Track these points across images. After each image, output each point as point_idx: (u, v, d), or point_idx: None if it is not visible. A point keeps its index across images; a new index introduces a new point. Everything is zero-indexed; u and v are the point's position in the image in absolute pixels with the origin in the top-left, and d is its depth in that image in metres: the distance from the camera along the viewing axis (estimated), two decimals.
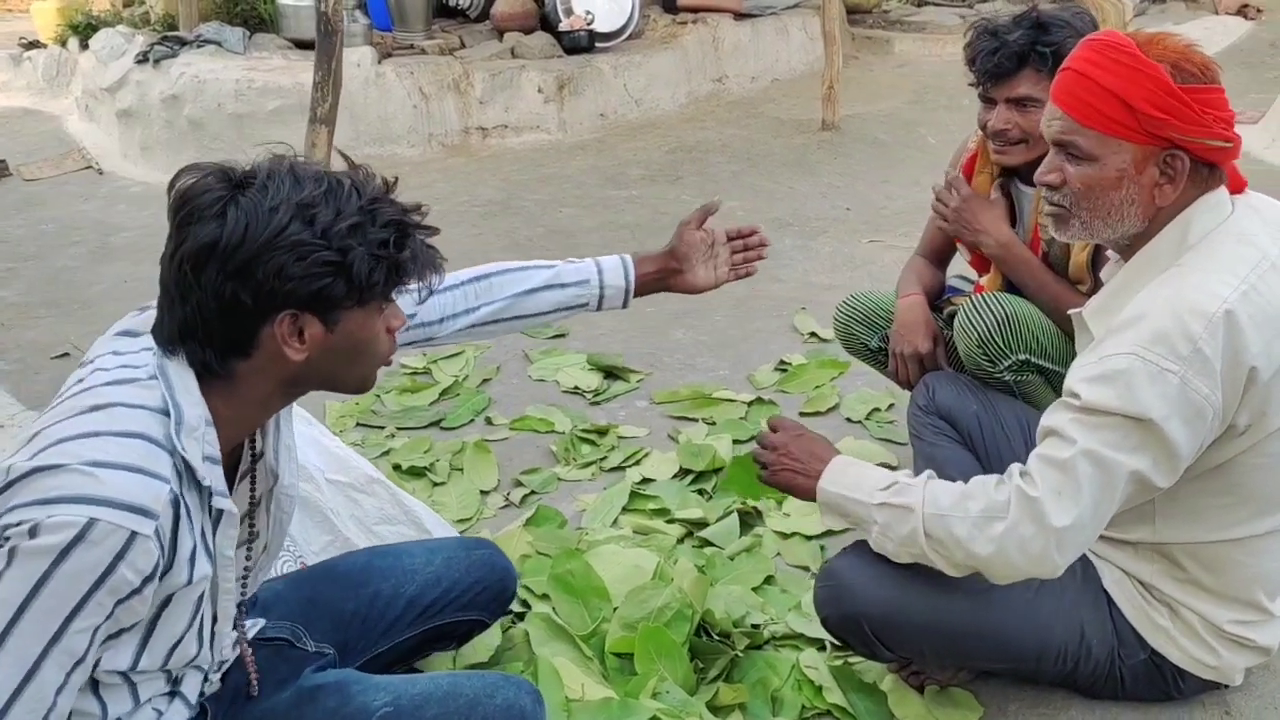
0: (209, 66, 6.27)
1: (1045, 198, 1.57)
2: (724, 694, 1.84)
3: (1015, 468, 1.49)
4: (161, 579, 1.17)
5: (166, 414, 1.19)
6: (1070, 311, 1.65)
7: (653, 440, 2.97)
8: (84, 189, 6.03)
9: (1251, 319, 1.39)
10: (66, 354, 3.79)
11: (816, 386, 3.23)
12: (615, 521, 2.52)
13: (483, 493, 2.73)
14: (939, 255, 2.55)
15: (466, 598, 1.77)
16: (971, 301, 2.21)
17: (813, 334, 3.64)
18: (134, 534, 1.11)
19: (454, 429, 3.11)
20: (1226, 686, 1.70)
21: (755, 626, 2.03)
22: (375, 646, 1.69)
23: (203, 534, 1.23)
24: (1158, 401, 1.37)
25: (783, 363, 3.42)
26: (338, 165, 1.31)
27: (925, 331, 2.34)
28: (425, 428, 3.12)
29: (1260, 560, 1.57)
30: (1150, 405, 1.37)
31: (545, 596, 2.06)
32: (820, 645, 1.95)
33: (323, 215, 1.21)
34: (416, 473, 2.82)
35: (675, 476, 2.72)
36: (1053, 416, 1.47)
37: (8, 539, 1.09)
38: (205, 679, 1.42)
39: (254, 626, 1.56)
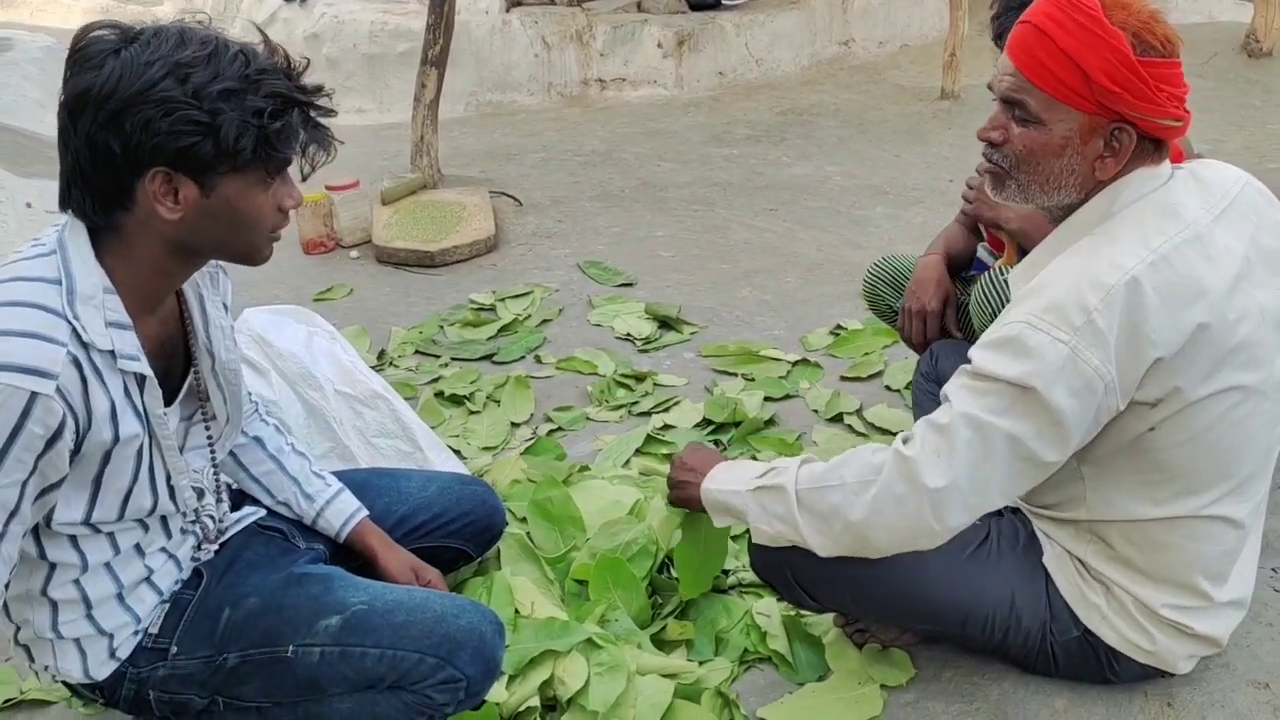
0: (349, 8, 6.56)
1: (985, 154, 1.51)
2: (671, 629, 1.89)
3: (901, 435, 1.48)
4: (84, 436, 1.29)
5: (61, 284, 1.26)
6: (1003, 295, 1.61)
7: (689, 391, 3.01)
8: None
9: (1157, 290, 1.34)
10: None
11: (865, 353, 3.21)
12: (627, 463, 2.59)
13: (513, 424, 2.84)
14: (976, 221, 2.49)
15: (454, 526, 1.88)
16: (989, 277, 2.16)
17: None
18: (34, 394, 1.20)
19: (504, 364, 3.23)
20: (1169, 675, 1.65)
21: (725, 572, 2.06)
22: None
23: (126, 394, 1.32)
24: (1043, 370, 1.33)
25: (839, 327, 3.40)
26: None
27: (936, 291, 2.30)
28: (478, 360, 3.26)
29: (1196, 543, 1.50)
30: (1034, 373, 1.34)
31: (524, 520, 2.15)
32: (780, 596, 1.98)
33: (198, 76, 1.22)
34: (456, 400, 2.95)
35: (697, 426, 2.76)
36: (949, 383, 1.45)
37: None
38: (199, 545, 1.58)
39: (254, 514, 1.71)
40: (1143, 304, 1.33)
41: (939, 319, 2.28)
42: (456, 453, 2.58)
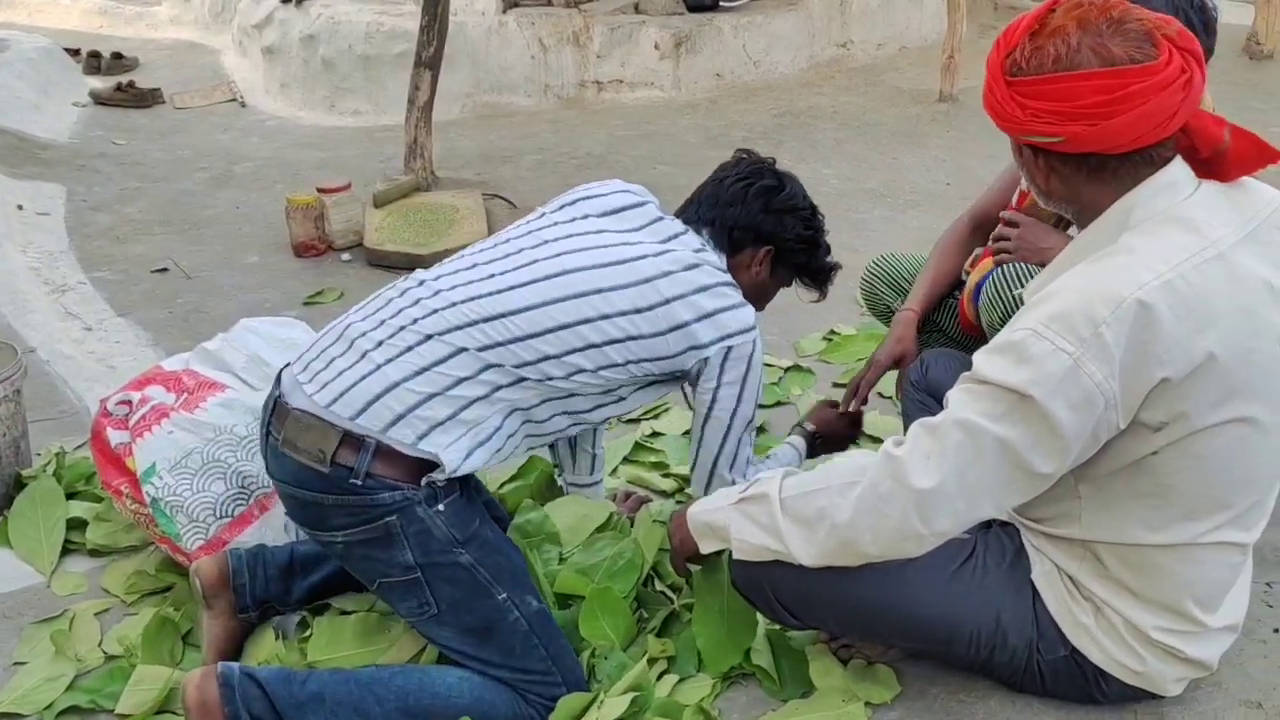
0: (345, 9, 6.52)
1: None
2: (652, 646, 1.85)
3: (893, 438, 1.45)
4: None
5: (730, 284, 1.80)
6: (1015, 291, 1.58)
7: (678, 397, 2.93)
8: (225, 120, 6.39)
9: (1172, 309, 1.30)
10: (165, 269, 4.08)
11: (859, 359, 3.17)
12: (615, 471, 2.56)
13: None
14: (986, 222, 2.44)
15: None
16: (1004, 273, 2.11)
17: None
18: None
19: None
20: (1159, 696, 1.61)
21: None
22: None
23: None
24: (1043, 379, 1.30)
25: (832, 332, 3.37)
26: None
27: (886, 358, 2.28)
28: None
29: (1188, 568, 1.47)
30: (1033, 382, 1.31)
31: None
32: (762, 614, 1.94)
33: (817, 219, 2.00)
34: None
35: (686, 433, 2.72)
36: (952, 389, 1.42)
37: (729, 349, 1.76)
38: None
39: None
40: (1155, 321, 1.29)
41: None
42: None
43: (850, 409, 2.25)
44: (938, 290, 2.36)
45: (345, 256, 4.18)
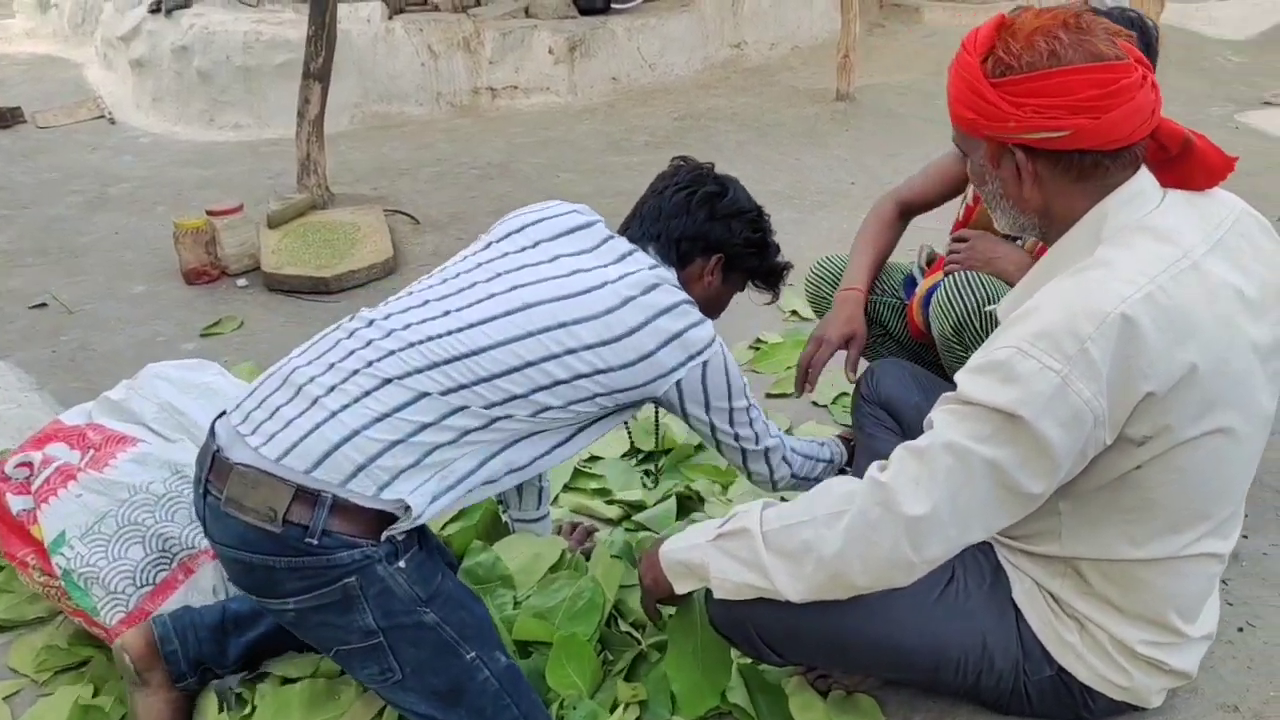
0: (219, 18, 6.22)
1: None
2: (622, 692, 1.77)
3: (876, 462, 1.41)
4: None
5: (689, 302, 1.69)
6: (987, 308, 1.55)
7: None
8: (93, 138, 6.02)
9: (1154, 322, 1.29)
10: (44, 304, 3.79)
11: (788, 367, 3.14)
12: (556, 499, 2.46)
13: None
14: (913, 211, 2.43)
15: None
16: (955, 281, 2.09)
17: (794, 312, 3.53)
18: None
19: None
20: (1142, 709, 1.60)
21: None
22: None
23: None
24: (1032, 398, 1.27)
25: (759, 341, 3.33)
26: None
27: (837, 337, 2.24)
28: None
29: (1171, 580, 1.47)
30: (1022, 401, 1.27)
31: None
32: (743, 653, 1.87)
33: (763, 220, 1.90)
34: None
35: (625, 455, 2.65)
36: (934, 409, 1.38)
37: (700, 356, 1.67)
38: None
39: None
40: (1138, 335, 1.27)
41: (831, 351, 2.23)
42: None
43: (803, 391, 2.23)
44: (877, 271, 2.35)
45: (241, 282, 3.97)
